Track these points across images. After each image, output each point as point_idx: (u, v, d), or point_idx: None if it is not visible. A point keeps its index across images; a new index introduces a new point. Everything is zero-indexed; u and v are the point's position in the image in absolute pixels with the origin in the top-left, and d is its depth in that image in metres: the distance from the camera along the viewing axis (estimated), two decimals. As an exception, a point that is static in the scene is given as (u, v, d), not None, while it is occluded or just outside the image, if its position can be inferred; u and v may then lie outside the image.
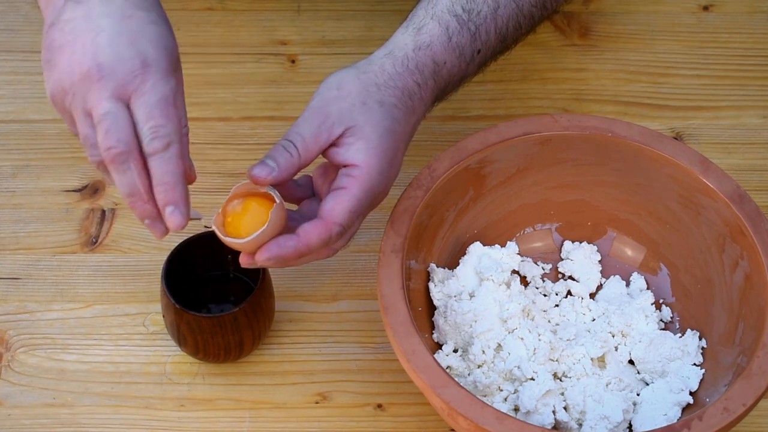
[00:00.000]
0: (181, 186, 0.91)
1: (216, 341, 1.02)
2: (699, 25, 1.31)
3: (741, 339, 1.00)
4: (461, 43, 1.00)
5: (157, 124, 0.90)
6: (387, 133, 0.96)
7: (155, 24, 0.92)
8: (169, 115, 0.90)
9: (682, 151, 1.05)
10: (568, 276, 1.10)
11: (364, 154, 0.95)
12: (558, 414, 1.00)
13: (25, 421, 1.04)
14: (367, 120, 0.95)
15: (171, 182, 0.90)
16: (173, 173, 0.91)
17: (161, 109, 0.90)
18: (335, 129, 0.95)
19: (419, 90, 0.99)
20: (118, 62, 0.90)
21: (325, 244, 0.94)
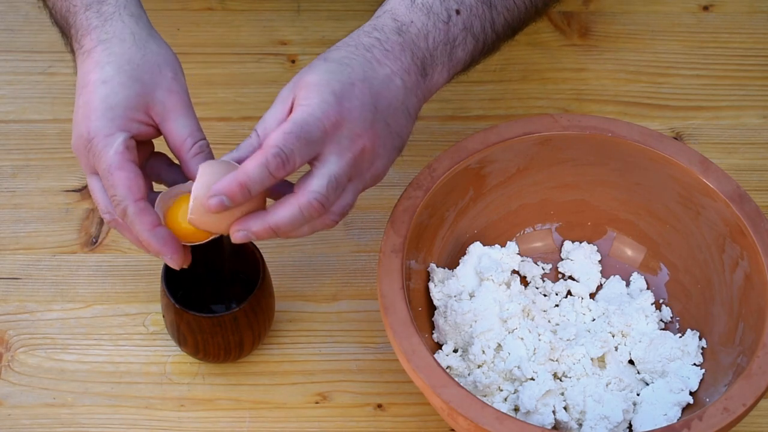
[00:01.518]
0: (153, 238, 0.94)
1: (216, 341, 1.02)
2: (699, 25, 1.31)
3: (741, 339, 1.00)
4: (427, 3, 0.99)
5: (110, 193, 0.95)
6: (328, 72, 0.94)
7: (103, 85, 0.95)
8: (115, 182, 0.94)
9: (682, 151, 1.05)
10: (568, 276, 1.10)
11: (307, 90, 0.93)
12: (558, 414, 1.00)
13: (25, 421, 1.04)
14: (310, 72, 0.94)
15: (145, 240, 0.95)
16: (141, 231, 0.94)
17: (108, 179, 0.94)
18: (287, 97, 0.95)
19: (380, 44, 0.97)
20: (78, 141, 0.96)
21: (264, 168, 0.91)
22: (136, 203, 0.94)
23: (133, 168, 0.94)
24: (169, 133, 0.97)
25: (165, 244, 0.95)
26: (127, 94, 0.95)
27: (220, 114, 1.23)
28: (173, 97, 0.97)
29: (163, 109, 0.96)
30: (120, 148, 0.94)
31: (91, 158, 0.95)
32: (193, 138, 0.97)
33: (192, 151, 0.96)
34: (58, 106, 1.23)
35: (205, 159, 0.96)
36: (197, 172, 0.93)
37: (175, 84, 0.97)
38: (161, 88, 0.96)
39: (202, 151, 0.97)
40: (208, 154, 0.97)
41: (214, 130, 1.21)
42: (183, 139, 0.96)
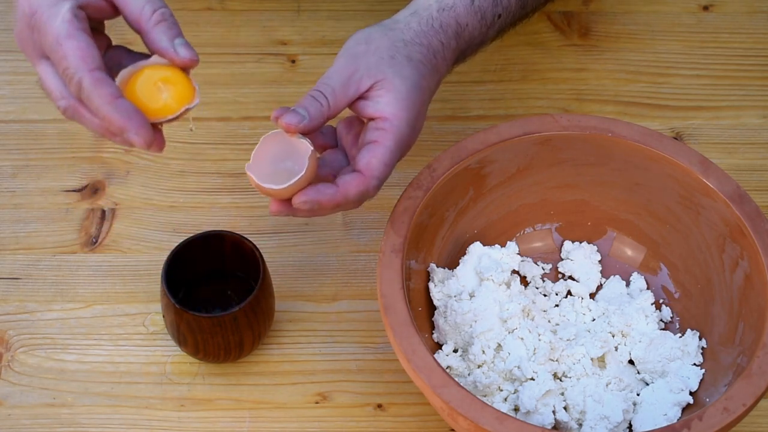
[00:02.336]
0: (115, 111, 0.86)
1: (216, 341, 1.02)
2: (699, 25, 1.31)
3: (741, 339, 1.00)
4: (483, 7, 1.01)
5: (61, 67, 0.87)
6: (415, 87, 0.97)
7: None
8: (65, 52, 0.86)
9: (682, 151, 1.05)
10: (568, 276, 1.10)
11: (394, 107, 0.96)
12: (558, 414, 1.00)
13: (25, 421, 1.04)
14: (396, 73, 0.96)
15: (106, 114, 0.87)
16: (100, 105, 0.87)
17: (57, 52, 0.87)
18: (364, 82, 0.96)
19: (443, 49, 1.00)
20: (20, 24, 0.89)
21: (362, 196, 0.95)
22: (91, 73, 0.86)
23: (84, 37, 0.86)
24: (124, 4, 0.89)
25: (129, 117, 0.87)
26: None
27: (220, 114, 1.23)
28: None
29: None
30: (67, 15, 0.86)
31: (36, 36, 0.87)
32: (152, 5, 0.89)
33: (153, 20, 0.89)
34: (58, 106, 1.23)
35: (169, 28, 0.89)
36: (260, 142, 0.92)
37: None
38: None
39: (165, 18, 0.89)
40: (172, 22, 0.90)
41: (214, 130, 1.22)
42: (140, 7, 0.89)
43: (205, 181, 1.18)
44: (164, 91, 0.89)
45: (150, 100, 0.89)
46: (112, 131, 0.88)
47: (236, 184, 1.18)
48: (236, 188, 1.18)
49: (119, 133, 0.88)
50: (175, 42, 0.89)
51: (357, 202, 0.97)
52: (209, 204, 1.17)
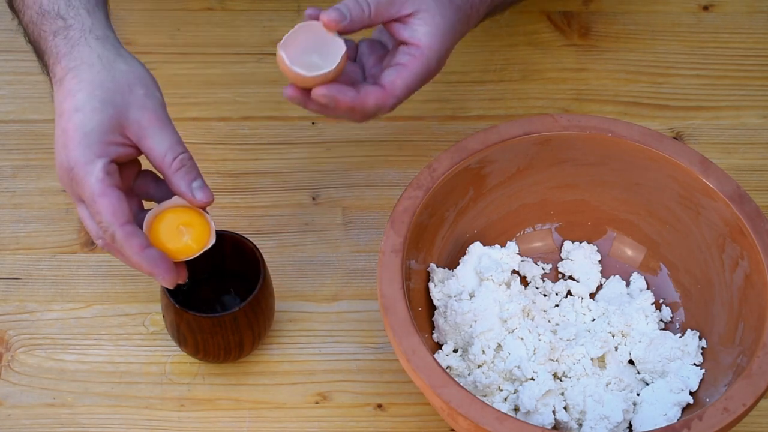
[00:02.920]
0: (144, 260, 0.95)
1: (216, 341, 1.02)
2: (699, 25, 1.31)
3: (741, 339, 1.00)
4: None
5: (96, 220, 0.95)
6: (451, 28, 1.00)
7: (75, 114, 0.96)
8: (99, 209, 0.94)
9: (682, 151, 1.05)
10: (568, 276, 1.10)
11: (430, 38, 0.99)
12: (558, 414, 1.00)
13: (25, 421, 1.04)
14: (439, 10, 0.99)
15: (136, 263, 0.96)
16: (131, 255, 0.95)
17: (92, 207, 0.95)
18: (407, 6, 0.98)
19: (480, 3, 1.04)
20: (60, 171, 0.97)
21: (377, 110, 0.98)
22: (123, 227, 0.95)
23: (115, 193, 0.95)
24: (149, 150, 0.97)
25: (156, 265, 0.95)
26: (100, 119, 0.95)
27: (220, 114, 1.23)
28: (147, 114, 0.97)
29: (138, 128, 0.96)
30: (100, 175, 0.94)
31: (75, 186, 0.96)
32: (173, 152, 0.97)
33: (173, 167, 0.97)
34: (58, 106, 1.23)
35: (187, 173, 0.97)
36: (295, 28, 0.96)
37: (148, 101, 0.97)
38: (134, 107, 0.96)
39: (183, 165, 0.97)
40: (190, 167, 0.97)
41: (214, 130, 1.22)
42: (162, 154, 0.96)
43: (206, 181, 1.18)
44: (185, 234, 0.98)
45: (172, 243, 0.98)
46: (143, 271, 0.97)
47: (236, 184, 1.18)
48: (236, 188, 1.18)
49: (149, 275, 0.97)
50: (193, 186, 0.97)
51: (369, 115, 0.99)
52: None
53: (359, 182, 1.18)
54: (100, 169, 0.95)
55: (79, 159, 0.95)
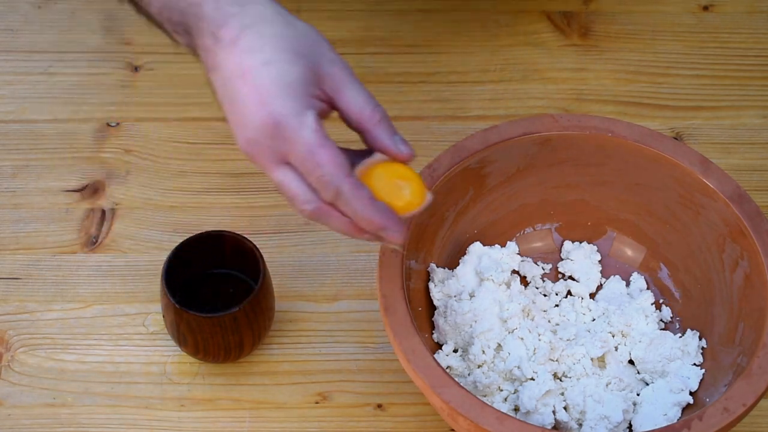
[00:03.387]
0: (376, 212, 0.89)
1: (216, 341, 1.02)
2: (699, 25, 1.31)
3: (741, 339, 1.00)
4: None
5: (315, 176, 0.88)
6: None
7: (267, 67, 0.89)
8: (321, 160, 0.88)
9: (682, 151, 1.05)
10: (568, 276, 1.10)
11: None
12: (558, 414, 1.00)
13: (25, 421, 1.04)
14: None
15: (367, 216, 0.89)
16: (361, 208, 0.89)
17: (311, 161, 0.88)
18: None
19: None
20: (256, 133, 0.89)
21: None
22: (348, 179, 0.88)
23: (333, 144, 0.88)
24: (347, 104, 0.90)
25: (388, 217, 0.89)
26: (299, 69, 0.88)
27: (220, 114, 1.22)
28: (338, 69, 0.90)
29: (333, 82, 0.90)
30: (314, 125, 0.87)
31: (280, 145, 0.88)
32: (371, 104, 0.90)
33: (374, 119, 0.90)
34: (58, 106, 1.23)
35: (389, 125, 0.91)
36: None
37: (335, 55, 0.91)
38: (325, 60, 0.90)
39: (384, 117, 0.90)
40: (388, 119, 0.91)
41: (214, 130, 1.22)
42: (361, 107, 0.90)
43: (205, 181, 1.18)
44: (404, 188, 0.92)
45: (394, 198, 0.92)
46: (368, 229, 0.90)
47: (236, 184, 1.18)
48: (236, 188, 1.18)
49: (377, 231, 0.90)
50: (395, 138, 0.91)
51: None
52: (209, 204, 1.17)
53: (359, 182, 1.18)
54: (314, 120, 0.87)
55: (286, 111, 0.87)
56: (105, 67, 1.26)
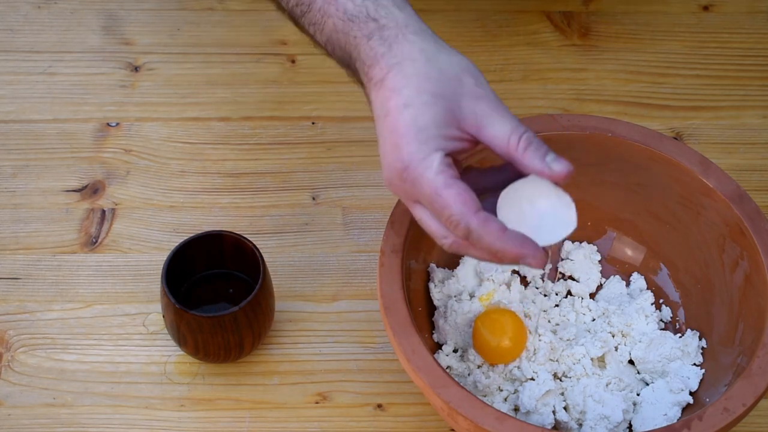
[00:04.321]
0: (509, 243, 0.89)
1: (216, 341, 1.02)
2: (699, 25, 1.31)
3: (741, 339, 1.00)
4: None
5: (444, 216, 0.89)
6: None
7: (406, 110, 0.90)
8: (446, 201, 0.89)
9: (682, 151, 1.05)
10: (568, 276, 1.10)
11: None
12: (558, 414, 1.00)
13: (25, 421, 1.04)
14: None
15: (500, 249, 0.89)
16: (492, 242, 0.89)
17: (437, 202, 0.89)
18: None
19: None
20: (391, 173, 0.91)
21: None
22: (477, 215, 0.88)
23: (459, 183, 0.89)
24: (491, 139, 0.91)
25: (523, 245, 0.89)
26: (434, 112, 0.89)
27: (220, 114, 1.23)
28: (482, 103, 0.91)
29: (475, 119, 0.90)
30: (440, 167, 0.89)
31: (409, 187, 0.90)
32: (517, 133, 0.90)
33: (521, 147, 0.90)
34: (58, 106, 1.23)
35: (537, 149, 0.90)
36: None
37: (479, 89, 0.91)
38: (467, 97, 0.91)
39: (531, 142, 0.90)
40: (538, 143, 0.90)
41: (214, 130, 1.22)
42: (506, 139, 0.90)
43: (205, 181, 1.18)
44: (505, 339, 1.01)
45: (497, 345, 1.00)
46: (506, 259, 0.90)
47: (236, 184, 1.18)
48: (236, 188, 1.18)
49: (515, 261, 0.90)
50: (547, 159, 0.90)
51: None
52: (209, 204, 1.17)
53: (359, 182, 1.18)
54: (439, 162, 0.88)
55: (414, 155, 0.89)
56: (105, 67, 1.26)
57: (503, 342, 1.00)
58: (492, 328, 1.01)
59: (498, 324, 1.01)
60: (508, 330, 1.01)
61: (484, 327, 1.01)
